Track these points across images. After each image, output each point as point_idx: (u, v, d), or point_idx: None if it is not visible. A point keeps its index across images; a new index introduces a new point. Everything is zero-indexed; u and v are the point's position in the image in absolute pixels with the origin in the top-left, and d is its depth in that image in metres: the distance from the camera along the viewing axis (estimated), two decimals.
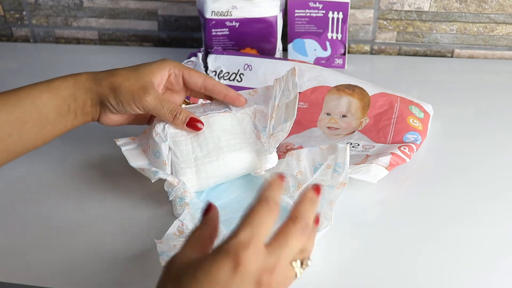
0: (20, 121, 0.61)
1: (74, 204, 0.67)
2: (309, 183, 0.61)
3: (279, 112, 0.65)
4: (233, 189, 0.66)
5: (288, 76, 0.66)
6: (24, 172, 0.72)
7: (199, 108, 0.67)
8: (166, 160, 0.63)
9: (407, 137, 0.72)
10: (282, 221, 0.45)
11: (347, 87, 0.79)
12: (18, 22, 1.08)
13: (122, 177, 0.70)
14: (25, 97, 0.62)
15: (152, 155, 0.64)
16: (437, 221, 0.63)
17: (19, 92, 0.62)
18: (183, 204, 0.62)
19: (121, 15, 1.04)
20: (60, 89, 0.63)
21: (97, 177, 0.71)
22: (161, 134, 0.63)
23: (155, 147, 0.63)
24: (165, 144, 0.63)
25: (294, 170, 0.63)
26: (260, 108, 0.67)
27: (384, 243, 0.61)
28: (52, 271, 0.58)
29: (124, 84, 0.63)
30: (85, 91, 0.63)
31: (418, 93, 0.83)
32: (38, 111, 0.62)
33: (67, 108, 0.63)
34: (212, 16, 0.86)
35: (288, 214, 0.45)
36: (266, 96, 0.68)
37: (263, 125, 0.66)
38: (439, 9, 0.94)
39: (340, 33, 0.90)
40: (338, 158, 0.61)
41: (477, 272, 0.57)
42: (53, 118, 0.63)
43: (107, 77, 0.64)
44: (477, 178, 0.69)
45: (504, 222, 0.63)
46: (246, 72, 0.84)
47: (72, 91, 0.63)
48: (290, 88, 0.65)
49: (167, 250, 0.55)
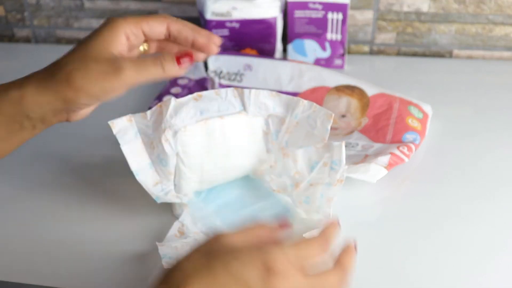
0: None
1: (74, 204, 0.67)
2: (307, 183, 0.61)
3: (299, 132, 0.62)
4: (232, 189, 0.66)
5: (319, 111, 0.60)
6: (24, 172, 0.73)
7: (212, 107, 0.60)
8: (172, 171, 0.60)
9: (406, 137, 0.72)
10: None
11: (347, 88, 0.80)
12: (19, 23, 1.08)
13: (122, 177, 0.70)
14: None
15: (157, 159, 0.60)
16: (436, 220, 0.63)
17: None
18: (182, 205, 0.62)
19: (122, 16, 1.04)
20: (3, 108, 0.52)
21: (97, 177, 0.71)
22: (171, 141, 0.58)
23: (162, 153, 0.59)
24: (174, 152, 0.59)
25: (291, 171, 0.62)
26: (276, 113, 0.63)
27: (383, 242, 0.61)
28: (52, 271, 0.59)
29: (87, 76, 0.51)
30: (40, 106, 0.52)
31: (417, 94, 0.84)
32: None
33: (18, 125, 0.53)
34: (212, 17, 0.87)
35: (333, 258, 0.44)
36: (287, 105, 0.62)
37: (275, 128, 0.62)
38: (438, 10, 0.95)
39: (340, 34, 0.91)
40: (334, 156, 0.60)
41: (477, 271, 0.57)
42: (2, 136, 0.53)
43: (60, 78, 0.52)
44: (476, 177, 0.70)
45: (504, 221, 0.63)
46: (246, 72, 0.85)
47: (19, 110, 0.52)
48: (318, 124, 0.60)
49: (169, 252, 0.55)
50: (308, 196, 0.60)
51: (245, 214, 0.61)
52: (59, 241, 0.62)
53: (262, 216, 0.61)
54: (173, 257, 0.54)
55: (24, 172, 0.73)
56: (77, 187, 0.70)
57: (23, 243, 0.62)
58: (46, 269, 0.59)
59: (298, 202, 0.61)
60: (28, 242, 0.62)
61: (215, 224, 0.60)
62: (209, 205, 0.63)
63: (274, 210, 0.61)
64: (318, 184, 0.60)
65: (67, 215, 0.66)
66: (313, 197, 0.60)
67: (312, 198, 0.60)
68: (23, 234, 0.63)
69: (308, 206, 0.60)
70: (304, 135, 0.61)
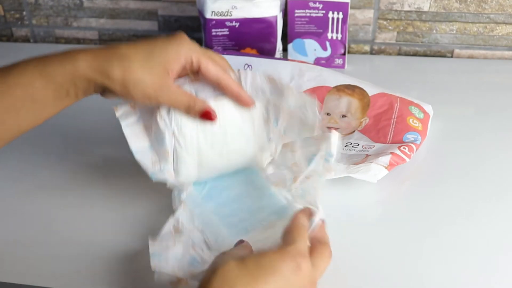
0: (13, 108, 0.57)
1: (73, 204, 0.67)
2: (304, 176, 0.60)
3: (293, 120, 0.62)
4: (233, 187, 0.65)
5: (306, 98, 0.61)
6: (24, 172, 0.72)
7: (208, 88, 0.61)
8: (169, 151, 0.60)
9: (406, 137, 0.72)
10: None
11: (347, 87, 0.79)
12: (18, 22, 1.08)
13: (122, 177, 0.70)
14: (14, 85, 0.56)
15: (155, 140, 0.60)
16: (436, 220, 0.63)
17: (7, 78, 0.57)
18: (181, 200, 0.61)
19: (121, 15, 1.04)
20: (56, 77, 0.56)
21: (96, 176, 0.71)
22: (166, 118, 0.59)
23: (158, 132, 0.59)
24: (169, 130, 0.59)
25: (288, 161, 0.62)
26: (274, 99, 0.62)
27: (383, 242, 0.61)
28: (51, 270, 0.58)
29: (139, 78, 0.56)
30: (88, 81, 0.57)
31: (418, 93, 0.83)
32: (32, 98, 0.57)
33: (65, 92, 0.57)
34: (212, 16, 0.86)
35: None
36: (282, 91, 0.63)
37: (275, 116, 0.62)
38: (439, 9, 0.94)
39: (340, 33, 0.90)
40: (328, 147, 0.59)
41: (477, 271, 0.57)
42: (50, 102, 0.57)
43: (116, 66, 0.56)
44: (477, 177, 0.69)
45: (504, 222, 0.63)
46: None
47: (70, 78, 0.56)
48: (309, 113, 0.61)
49: (159, 251, 0.55)
50: (304, 189, 0.60)
51: (243, 211, 0.60)
52: (58, 240, 0.62)
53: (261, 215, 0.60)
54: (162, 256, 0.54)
55: (23, 171, 0.72)
56: (76, 186, 0.70)
57: (22, 243, 0.62)
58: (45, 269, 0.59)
59: (296, 197, 0.61)
60: (27, 242, 0.62)
61: (212, 222, 0.60)
62: (208, 202, 0.63)
63: (272, 209, 0.60)
64: (312, 176, 0.60)
65: (66, 215, 0.66)
66: (307, 190, 0.60)
67: (307, 191, 0.60)
68: (22, 234, 0.63)
69: (303, 200, 0.60)
70: (299, 123, 0.61)
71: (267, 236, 0.57)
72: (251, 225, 0.59)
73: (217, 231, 0.58)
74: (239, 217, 0.60)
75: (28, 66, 0.57)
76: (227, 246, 0.55)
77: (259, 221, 0.59)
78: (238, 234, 0.57)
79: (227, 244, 0.56)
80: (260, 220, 0.59)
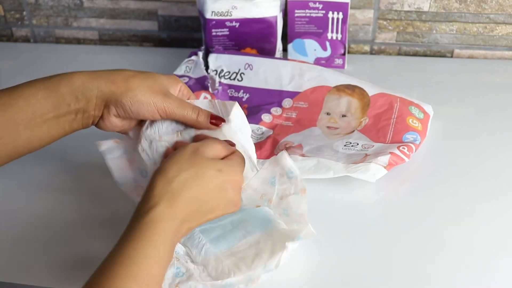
0: (12, 122, 0.56)
1: (73, 204, 0.67)
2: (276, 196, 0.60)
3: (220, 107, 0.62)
4: None
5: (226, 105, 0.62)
6: (24, 172, 0.72)
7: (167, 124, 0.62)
8: None
9: (406, 137, 0.72)
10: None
11: (347, 87, 0.79)
12: (18, 22, 1.08)
13: None
14: (17, 96, 0.57)
15: (138, 172, 0.61)
16: (435, 220, 0.63)
17: (12, 90, 0.58)
18: None
19: (121, 15, 1.04)
20: (60, 86, 0.58)
21: (96, 177, 0.71)
22: (148, 150, 0.60)
23: (141, 164, 0.60)
24: (151, 162, 0.59)
25: (256, 200, 0.61)
26: None
27: (382, 242, 0.61)
28: (51, 271, 0.58)
29: (143, 85, 0.59)
30: (91, 89, 0.58)
31: (418, 93, 0.83)
32: (33, 110, 0.57)
33: (66, 107, 0.58)
34: (212, 16, 0.86)
35: None
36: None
37: None
38: (439, 9, 0.94)
39: (340, 33, 0.90)
40: (285, 166, 0.60)
41: (476, 271, 0.57)
42: (49, 118, 0.58)
43: (121, 77, 0.59)
44: (477, 178, 0.69)
45: (504, 221, 0.63)
46: (247, 71, 0.84)
47: (73, 89, 0.58)
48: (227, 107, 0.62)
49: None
50: (285, 209, 0.60)
51: (226, 223, 0.60)
52: (58, 240, 0.62)
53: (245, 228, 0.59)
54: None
55: (23, 172, 0.72)
56: (76, 186, 0.70)
57: (22, 243, 0.62)
58: (45, 269, 0.59)
59: (278, 214, 0.60)
60: (27, 242, 0.62)
61: (194, 235, 0.59)
62: None
63: (256, 220, 0.60)
64: (287, 196, 0.60)
65: (67, 215, 0.66)
66: (290, 210, 0.59)
67: (289, 211, 0.60)
68: (22, 234, 0.63)
69: (287, 218, 0.60)
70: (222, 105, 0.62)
71: (249, 248, 0.57)
72: (234, 238, 0.58)
73: (199, 244, 0.58)
74: (222, 230, 0.59)
75: (36, 80, 0.59)
76: (210, 258, 0.55)
77: (242, 233, 0.58)
78: (220, 246, 0.57)
79: (209, 257, 0.56)
80: (243, 233, 0.58)
